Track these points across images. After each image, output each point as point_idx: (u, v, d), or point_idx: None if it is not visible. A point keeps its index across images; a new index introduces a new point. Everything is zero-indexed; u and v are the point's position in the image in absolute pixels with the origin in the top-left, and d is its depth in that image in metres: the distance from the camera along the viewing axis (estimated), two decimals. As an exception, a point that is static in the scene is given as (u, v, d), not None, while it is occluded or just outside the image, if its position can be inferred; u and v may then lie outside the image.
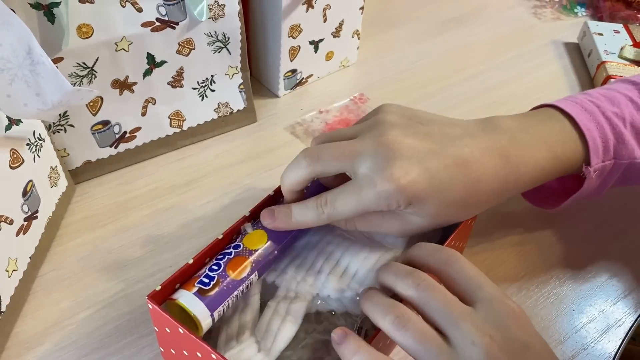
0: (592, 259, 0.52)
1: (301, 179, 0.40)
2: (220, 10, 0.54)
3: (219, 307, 0.37)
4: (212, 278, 0.38)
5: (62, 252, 0.50)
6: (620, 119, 0.45)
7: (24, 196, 0.45)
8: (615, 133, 0.45)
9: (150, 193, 0.56)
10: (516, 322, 0.33)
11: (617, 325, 0.47)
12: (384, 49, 0.78)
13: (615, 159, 0.45)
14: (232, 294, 0.38)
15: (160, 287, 0.37)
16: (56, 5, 0.45)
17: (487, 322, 0.32)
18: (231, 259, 0.39)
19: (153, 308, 0.36)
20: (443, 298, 0.33)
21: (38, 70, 0.38)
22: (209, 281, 0.37)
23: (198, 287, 0.37)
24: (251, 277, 0.39)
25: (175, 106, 0.58)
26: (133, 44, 0.51)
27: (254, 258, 0.39)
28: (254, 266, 0.39)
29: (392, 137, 0.38)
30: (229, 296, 0.37)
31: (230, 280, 0.38)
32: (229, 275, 0.38)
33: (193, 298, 0.37)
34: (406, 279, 0.34)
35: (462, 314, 0.32)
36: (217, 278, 0.38)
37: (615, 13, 0.86)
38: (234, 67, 0.59)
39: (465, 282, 0.34)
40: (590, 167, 0.44)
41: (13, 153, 0.44)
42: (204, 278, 0.38)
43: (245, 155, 0.61)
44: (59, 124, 0.51)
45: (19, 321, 0.45)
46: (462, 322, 0.32)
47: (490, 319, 0.32)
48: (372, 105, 0.67)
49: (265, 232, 0.41)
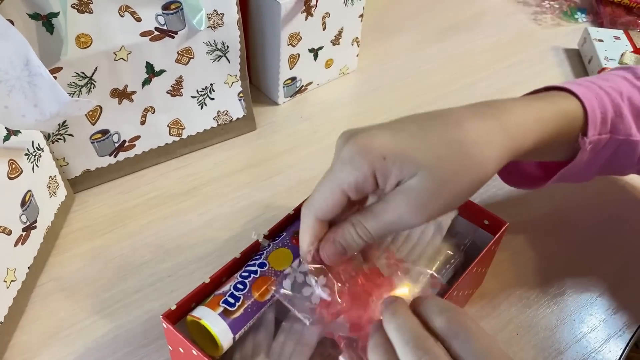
0: (593, 267, 0.52)
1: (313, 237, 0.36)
2: (219, 19, 0.54)
3: (241, 330, 0.37)
4: (238, 299, 0.37)
5: (61, 262, 0.50)
6: (618, 92, 0.44)
7: (22, 206, 0.45)
8: (614, 105, 0.43)
9: (150, 202, 0.56)
10: None
11: (617, 335, 0.47)
12: (383, 56, 0.78)
13: (612, 134, 0.43)
14: (255, 315, 0.37)
15: (175, 307, 0.36)
16: (55, 16, 0.45)
17: None
18: (257, 278, 0.38)
19: (167, 327, 0.35)
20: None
21: (36, 81, 0.38)
22: (234, 302, 0.37)
23: (223, 308, 0.36)
24: (274, 297, 0.38)
25: (174, 115, 0.58)
26: (132, 53, 0.51)
27: (279, 279, 0.38)
28: (278, 287, 0.37)
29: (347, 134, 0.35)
30: (252, 318, 0.37)
31: (254, 301, 0.37)
32: (254, 297, 0.37)
33: (217, 319, 0.36)
34: (408, 346, 0.30)
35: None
36: (242, 299, 0.37)
37: (615, 19, 0.86)
38: (233, 75, 0.59)
39: (472, 352, 0.30)
40: (587, 138, 0.41)
41: (11, 163, 0.44)
42: (230, 297, 0.37)
43: (245, 163, 0.61)
44: (58, 133, 0.51)
45: (17, 332, 0.45)
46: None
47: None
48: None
49: (290, 251, 0.40)
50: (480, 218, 0.45)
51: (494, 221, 0.44)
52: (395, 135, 0.34)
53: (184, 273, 0.49)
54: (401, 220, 0.34)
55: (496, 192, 0.58)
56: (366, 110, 0.69)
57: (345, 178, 0.34)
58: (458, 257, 0.44)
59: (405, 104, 0.69)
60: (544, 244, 0.53)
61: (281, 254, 0.40)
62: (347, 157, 0.33)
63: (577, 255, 0.53)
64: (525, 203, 0.57)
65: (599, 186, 0.60)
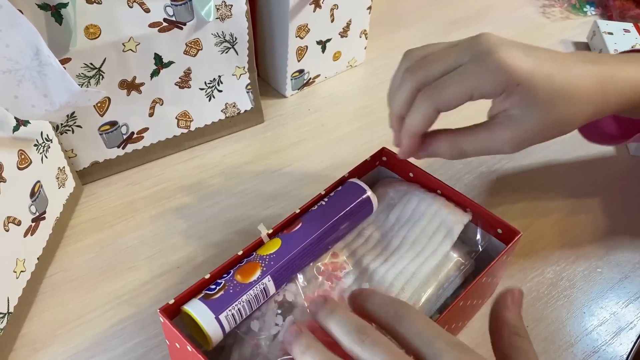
0: (603, 260, 0.51)
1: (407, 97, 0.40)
2: (228, 10, 0.54)
3: (225, 310, 0.36)
4: (219, 284, 0.37)
5: (70, 253, 0.50)
6: None
7: (31, 197, 0.45)
8: None
9: (158, 194, 0.55)
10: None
11: (628, 328, 0.46)
12: (391, 48, 0.77)
13: None
14: (240, 297, 0.37)
15: (173, 301, 0.36)
16: (64, 6, 0.45)
17: None
18: (242, 266, 0.39)
19: (164, 322, 0.35)
20: (390, 355, 0.30)
21: (46, 71, 0.38)
22: (215, 287, 0.37)
23: (204, 293, 0.37)
24: (263, 281, 0.38)
25: (182, 107, 0.58)
26: (140, 44, 0.51)
27: (265, 262, 0.38)
28: (264, 270, 0.38)
29: (489, 35, 0.38)
30: (235, 299, 0.37)
31: (237, 283, 0.37)
32: (236, 279, 0.37)
33: (197, 303, 0.36)
34: (351, 335, 0.31)
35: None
36: (223, 283, 0.37)
37: (625, 12, 0.85)
38: (241, 67, 0.59)
39: (417, 339, 0.31)
40: None
41: (21, 154, 0.44)
42: (212, 285, 0.37)
43: (253, 155, 0.60)
44: (66, 124, 0.51)
45: (26, 322, 0.45)
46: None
47: None
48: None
49: (279, 239, 0.40)
50: (493, 226, 0.44)
51: (507, 230, 0.43)
52: (535, 67, 0.37)
53: (193, 265, 0.49)
54: (498, 148, 0.39)
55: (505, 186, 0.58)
56: (374, 103, 0.68)
57: (480, 86, 0.37)
58: (468, 265, 0.43)
59: (414, 97, 0.69)
60: (553, 237, 0.53)
61: (270, 243, 0.40)
62: (491, 67, 0.36)
63: (587, 248, 0.52)
64: (535, 197, 0.57)
65: (608, 180, 0.59)
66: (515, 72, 0.36)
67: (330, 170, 0.59)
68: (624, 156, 0.62)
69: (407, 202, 0.46)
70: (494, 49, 0.37)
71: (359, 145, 0.62)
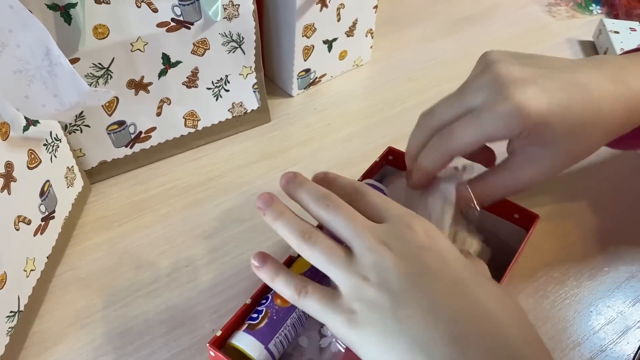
0: (610, 259, 0.51)
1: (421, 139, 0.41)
2: (235, 10, 0.54)
3: (273, 339, 0.35)
4: (260, 311, 0.37)
5: (79, 252, 0.50)
6: None
7: (41, 196, 0.45)
8: None
9: (166, 193, 0.56)
10: (415, 232, 0.33)
11: (635, 327, 0.47)
12: (397, 47, 0.77)
13: None
14: (285, 322, 0.36)
15: (220, 333, 0.36)
16: (73, 6, 0.45)
17: (386, 233, 0.33)
18: (261, 316, 0.37)
19: (215, 355, 0.35)
20: (348, 214, 0.34)
21: (56, 71, 0.39)
22: (257, 315, 0.36)
23: (247, 324, 0.36)
24: None
25: (190, 106, 0.58)
26: (148, 44, 0.51)
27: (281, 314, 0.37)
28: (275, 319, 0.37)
29: (500, 69, 0.38)
30: (281, 325, 0.36)
31: (279, 309, 0.37)
32: (277, 304, 0.37)
33: (243, 335, 0.36)
34: (317, 201, 0.34)
35: (364, 227, 0.33)
36: (265, 310, 0.37)
37: (631, 10, 0.85)
38: (248, 67, 0.59)
39: (373, 207, 0.35)
40: None
41: (31, 153, 0.44)
42: (253, 314, 0.37)
43: (260, 155, 0.61)
44: (75, 124, 0.52)
45: (36, 321, 0.45)
46: (362, 233, 0.33)
47: (391, 231, 0.33)
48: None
49: None
50: (509, 212, 0.44)
51: (524, 214, 0.43)
52: (550, 104, 0.36)
53: (201, 263, 0.49)
54: (522, 187, 0.40)
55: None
56: (380, 102, 0.69)
57: (495, 132, 0.37)
58: (486, 253, 0.44)
59: (420, 96, 0.69)
60: (560, 236, 0.53)
61: (302, 261, 0.39)
62: (505, 114, 0.36)
63: (595, 247, 0.52)
64: (543, 194, 0.57)
65: (616, 179, 0.59)
66: (530, 115, 0.36)
67: (337, 170, 0.57)
68: (630, 154, 0.62)
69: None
70: (506, 92, 0.36)
71: (365, 144, 0.62)
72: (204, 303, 0.46)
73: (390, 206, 0.35)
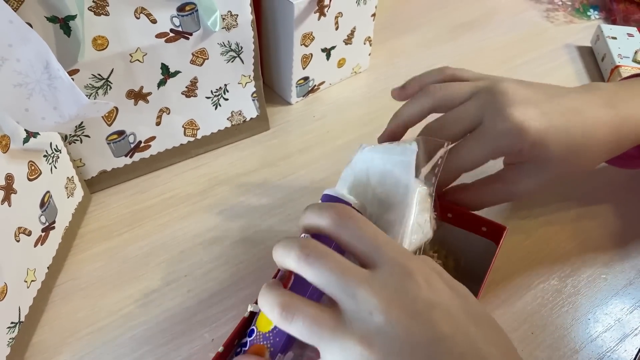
0: (607, 266, 0.52)
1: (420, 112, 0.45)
2: (233, 20, 0.54)
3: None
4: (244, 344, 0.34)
5: (79, 261, 0.50)
6: None
7: (41, 207, 0.46)
8: None
9: (165, 202, 0.56)
10: (416, 282, 0.30)
11: (633, 334, 0.47)
12: (395, 54, 0.78)
13: None
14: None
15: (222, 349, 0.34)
16: (72, 19, 0.45)
17: (386, 285, 0.29)
18: (246, 350, 0.35)
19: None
20: (336, 266, 0.30)
21: (55, 84, 0.39)
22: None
23: None
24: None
25: (189, 115, 0.58)
26: (147, 54, 0.51)
27: (269, 341, 0.34)
28: (272, 350, 0.33)
29: (506, 85, 0.41)
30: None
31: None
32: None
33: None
34: (293, 252, 0.31)
35: (359, 281, 0.29)
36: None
37: (629, 16, 0.85)
38: (247, 75, 0.60)
39: (362, 244, 0.31)
40: None
41: (31, 165, 0.44)
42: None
43: (259, 163, 0.61)
44: (75, 134, 0.52)
45: (37, 331, 0.45)
46: (358, 290, 0.29)
47: (390, 282, 0.30)
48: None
49: None
50: (476, 225, 0.45)
51: (492, 227, 0.44)
52: (550, 125, 0.40)
53: (201, 272, 0.50)
54: (514, 198, 0.44)
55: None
56: (379, 109, 0.69)
57: (497, 149, 0.40)
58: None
59: (418, 103, 0.69)
60: (557, 243, 0.53)
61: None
62: (506, 132, 0.39)
63: (592, 254, 0.53)
64: (539, 203, 0.57)
65: (613, 186, 0.60)
66: (529, 134, 0.39)
67: (336, 178, 0.58)
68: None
69: None
70: (508, 112, 0.39)
71: (364, 152, 0.62)
72: (203, 312, 0.47)
73: (382, 243, 0.31)
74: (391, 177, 0.40)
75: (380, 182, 0.40)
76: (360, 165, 0.42)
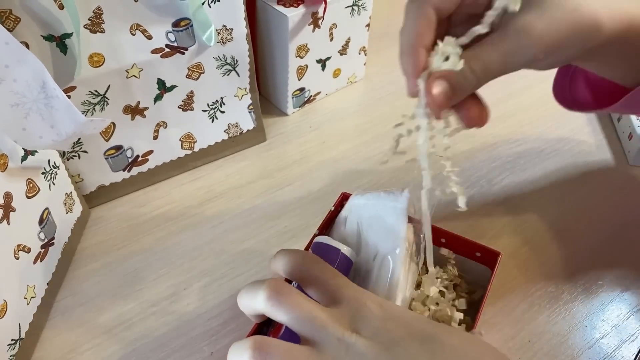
0: (603, 273, 0.52)
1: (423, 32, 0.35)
2: (229, 34, 0.55)
3: None
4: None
5: (78, 276, 0.51)
6: None
7: (40, 224, 0.46)
8: None
9: (164, 215, 0.56)
10: (372, 310, 0.33)
11: (630, 341, 0.47)
12: (391, 63, 0.78)
13: None
14: None
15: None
16: (68, 37, 0.46)
17: (347, 317, 0.33)
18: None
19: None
20: (301, 305, 0.33)
21: (52, 103, 0.39)
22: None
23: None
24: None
25: (186, 128, 0.59)
26: (143, 70, 0.52)
27: None
28: None
29: None
30: None
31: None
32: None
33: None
34: (258, 295, 0.33)
35: (327, 317, 0.32)
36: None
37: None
38: (243, 88, 0.60)
39: (324, 286, 0.35)
40: None
41: (29, 183, 0.45)
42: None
43: (256, 174, 0.61)
44: (73, 150, 0.52)
45: (37, 347, 0.45)
46: (326, 324, 0.32)
47: (350, 313, 0.33)
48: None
49: None
50: (471, 250, 0.45)
51: (486, 252, 0.45)
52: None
53: (199, 285, 0.50)
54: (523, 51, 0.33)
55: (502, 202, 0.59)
56: (374, 119, 0.69)
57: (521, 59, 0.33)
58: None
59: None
60: (554, 251, 0.54)
61: None
62: None
63: (588, 261, 0.53)
64: (534, 210, 0.58)
65: (608, 190, 0.60)
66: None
67: (333, 187, 0.60)
68: (622, 166, 0.63)
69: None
70: None
71: (360, 162, 0.63)
72: (202, 326, 0.47)
73: (341, 285, 0.35)
74: (383, 223, 0.41)
75: (372, 228, 0.41)
76: (353, 211, 0.43)
